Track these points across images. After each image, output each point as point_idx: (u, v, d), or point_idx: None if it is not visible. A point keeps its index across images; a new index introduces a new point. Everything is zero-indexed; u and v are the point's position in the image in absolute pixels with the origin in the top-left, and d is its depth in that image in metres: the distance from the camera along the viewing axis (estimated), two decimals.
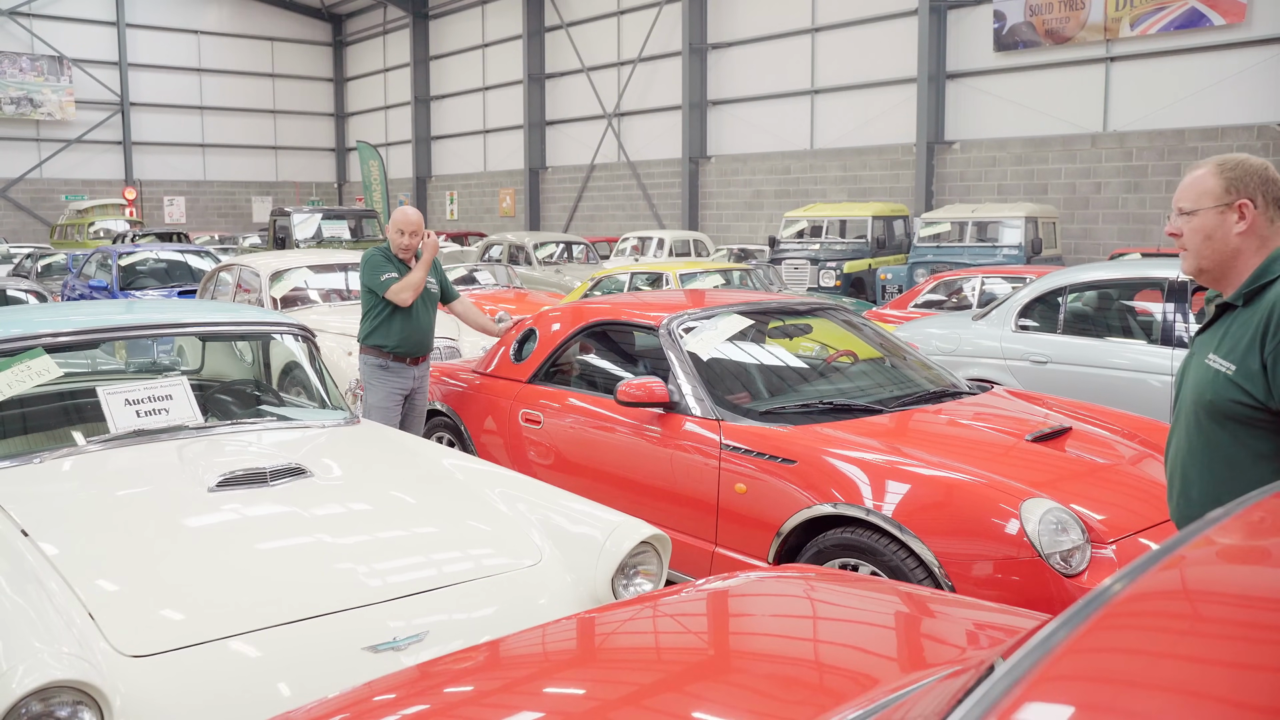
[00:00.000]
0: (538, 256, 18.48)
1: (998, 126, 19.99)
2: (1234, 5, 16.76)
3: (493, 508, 3.59)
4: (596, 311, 5.78)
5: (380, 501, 3.57)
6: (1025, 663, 0.81)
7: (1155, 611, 0.88)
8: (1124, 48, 18.27)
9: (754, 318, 5.52)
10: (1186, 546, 0.95)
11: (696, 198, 26.09)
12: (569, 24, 29.83)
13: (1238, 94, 16.77)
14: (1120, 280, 7.56)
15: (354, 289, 10.43)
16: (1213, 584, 0.95)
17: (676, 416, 4.77)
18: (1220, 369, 2.33)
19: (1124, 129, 18.24)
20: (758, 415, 4.61)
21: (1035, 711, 0.77)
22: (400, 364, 5.79)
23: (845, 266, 16.70)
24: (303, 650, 2.71)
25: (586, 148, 29.63)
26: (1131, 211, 18.09)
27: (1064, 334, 7.39)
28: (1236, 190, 2.41)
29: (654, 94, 27.32)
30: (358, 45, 41.07)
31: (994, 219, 16.21)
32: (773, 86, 24.19)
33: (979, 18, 20.20)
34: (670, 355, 4.98)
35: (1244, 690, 0.76)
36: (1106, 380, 6.94)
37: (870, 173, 22.13)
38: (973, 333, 7.92)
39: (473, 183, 34.83)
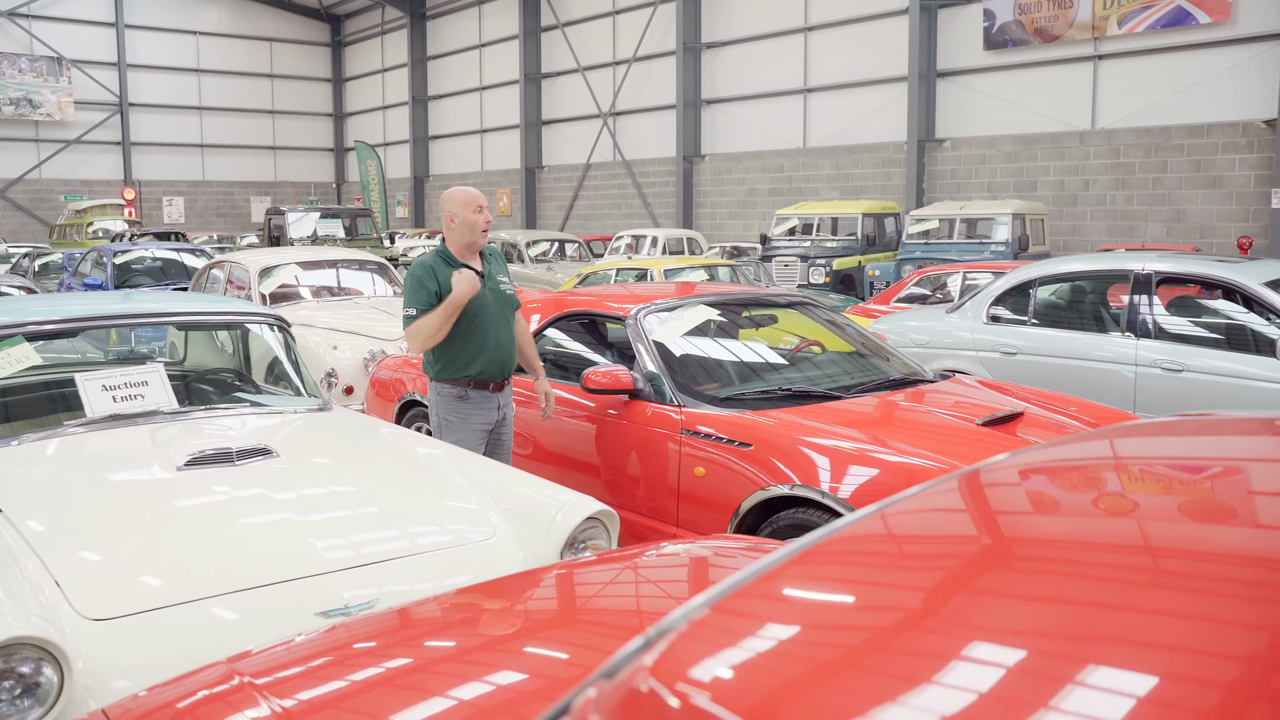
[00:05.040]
0: (530, 254, 18.64)
1: (988, 124, 20.12)
2: (1219, 3, 16.89)
3: (453, 488, 3.72)
4: (568, 302, 5.93)
5: (341, 480, 3.72)
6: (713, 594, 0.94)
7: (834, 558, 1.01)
8: (1111, 46, 18.40)
9: (721, 309, 5.67)
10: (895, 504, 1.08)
11: (691, 196, 26.24)
12: (565, 24, 29.99)
13: (1223, 91, 16.89)
14: (1088, 272, 7.70)
15: (345, 285, 10.60)
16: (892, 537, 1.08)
17: (641, 403, 4.91)
18: None
19: (1112, 126, 18.37)
20: (718, 401, 4.75)
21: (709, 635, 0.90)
22: (483, 392, 4.80)
23: (835, 263, 16.85)
24: (257, 615, 2.85)
25: (582, 147, 29.78)
26: (1119, 208, 18.22)
27: (1033, 326, 7.52)
28: None
29: (649, 93, 27.47)
30: (356, 46, 41.25)
31: (982, 216, 16.34)
32: (766, 85, 24.33)
33: (969, 16, 20.33)
34: (636, 344, 5.12)
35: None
36: (1074, 370, 7.07)
37: (862, 170, 22.27)
38: (946, 325, 8.06)
39: (470, 182, 34.94)
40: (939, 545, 1.06)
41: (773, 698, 0.72)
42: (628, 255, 19.40)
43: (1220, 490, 1.19)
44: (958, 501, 1.16)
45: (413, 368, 6.39)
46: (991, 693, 0.73)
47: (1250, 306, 6.70)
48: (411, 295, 4.66)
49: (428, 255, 4.82)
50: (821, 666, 0.78)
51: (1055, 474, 1.26)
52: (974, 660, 0.76)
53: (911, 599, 0.91)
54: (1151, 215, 17.82)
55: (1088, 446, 1.36)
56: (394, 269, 10.86)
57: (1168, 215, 17.64)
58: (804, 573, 0.96)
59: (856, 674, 0.77)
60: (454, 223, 4.74)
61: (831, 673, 0.77)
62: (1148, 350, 6.79)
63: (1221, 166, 16.96)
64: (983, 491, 1.20)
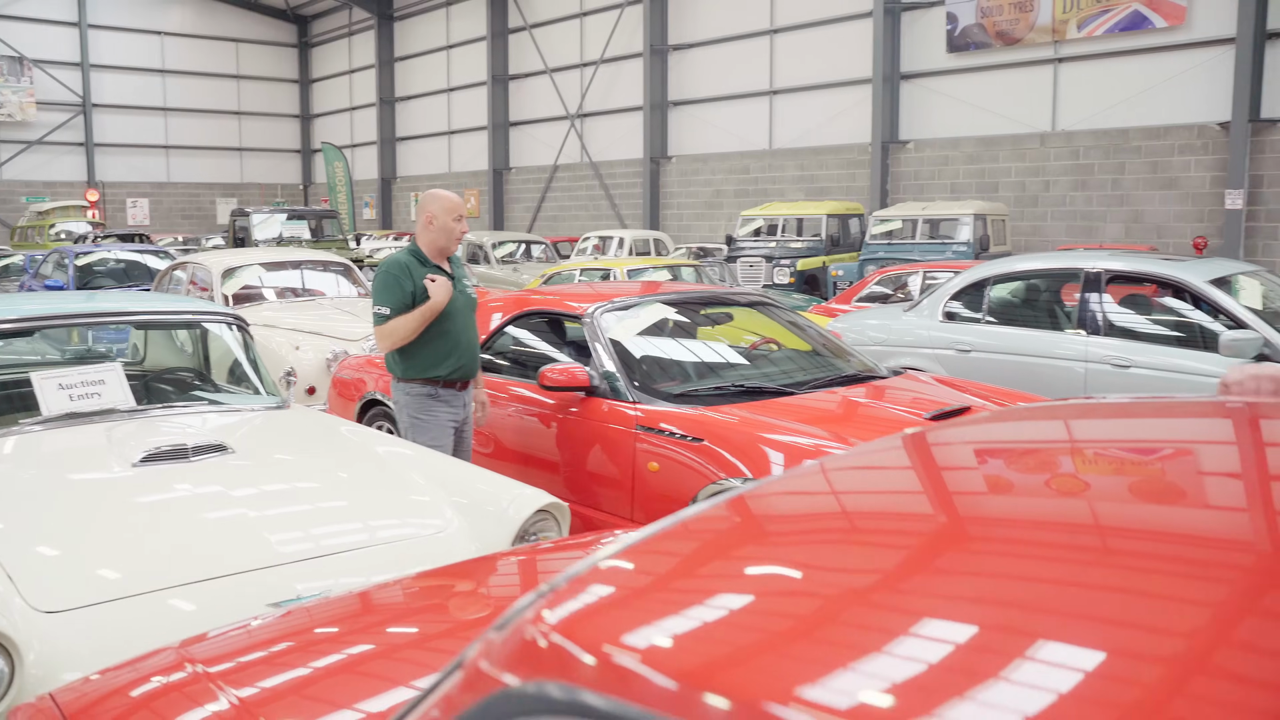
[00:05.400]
0: (496, 256, 18.67)
1: (950, 126, 20.34)
2: (1174, 8, 17.17)
3: (408, 483, 3.78)
4: (528, 302, 5.99)
5: (297, 476, 3.77)
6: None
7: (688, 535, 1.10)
8: (1071, 49, 18.65)
9: (677, 307, 5.75)
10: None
11: (658, 197, 26.34)
12: (532, 26, 30.02)
13: (1179, 94, 17.17)
14: (1040, 271, 7.85)
15: (309, 287, 10.61)
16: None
17: (597, 400, 4.98)
18: None
19: (1071, 128, 18.62)
20: (673, 398, 4.83)
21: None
22: (452, 390, 4.89)
23: (799, 264, 17.00)
24: (209, 606, 2.90)
25: (550, 148, 29.82)
26: (1079, 209, 18.48)
27: (987, 324, 7.66)
28: None
29: (616, 95, 27.55)
30: (323, 47, 41.08)
31: (944, 216, 16.54)
32: (732, 87, 24.47)
33: (932, 19, 20.54)
34: (593, 342, 5.19)
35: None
36: (1027, 367, 7.21)
37: (827, 172, 22.44)
38: (903, 324, 8.18)
39: (437, 184, 34.87)
40: (812, 514, 1.14)
41: (636, 641, 0.79)
42: (594, 256, 19.48)
43: (1087, 466, 1.28)
44: (835, 475, 1.25)
45: (375, 367, 6.42)
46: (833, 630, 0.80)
47: (1197, 304, 6.88)
48: (385, 294, 4.69)
49: (400, 254, 4.84)
50: (682, 614, 0.86)
51: (918, 454, 1.35)
52: (824, 602, 0.84)
53: (765, 555, 0.99)
54: (1110, 216, 18.08)
55: (961, 431, 1.45)
56: (359, 270, 10.88)
57: (1126, 216, 17.91)
58: (676, 537, 1.04)
59: (711, 615, 0.85)
60: (433, 225, 4.79)
61: (691, 618, 0.84)
62: (1097, 347, 6.94)
63: (1178, 168, 17.24)
64: (859, 466, 1.28)
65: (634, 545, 1.02)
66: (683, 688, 0.72)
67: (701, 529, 1.09)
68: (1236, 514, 1.04)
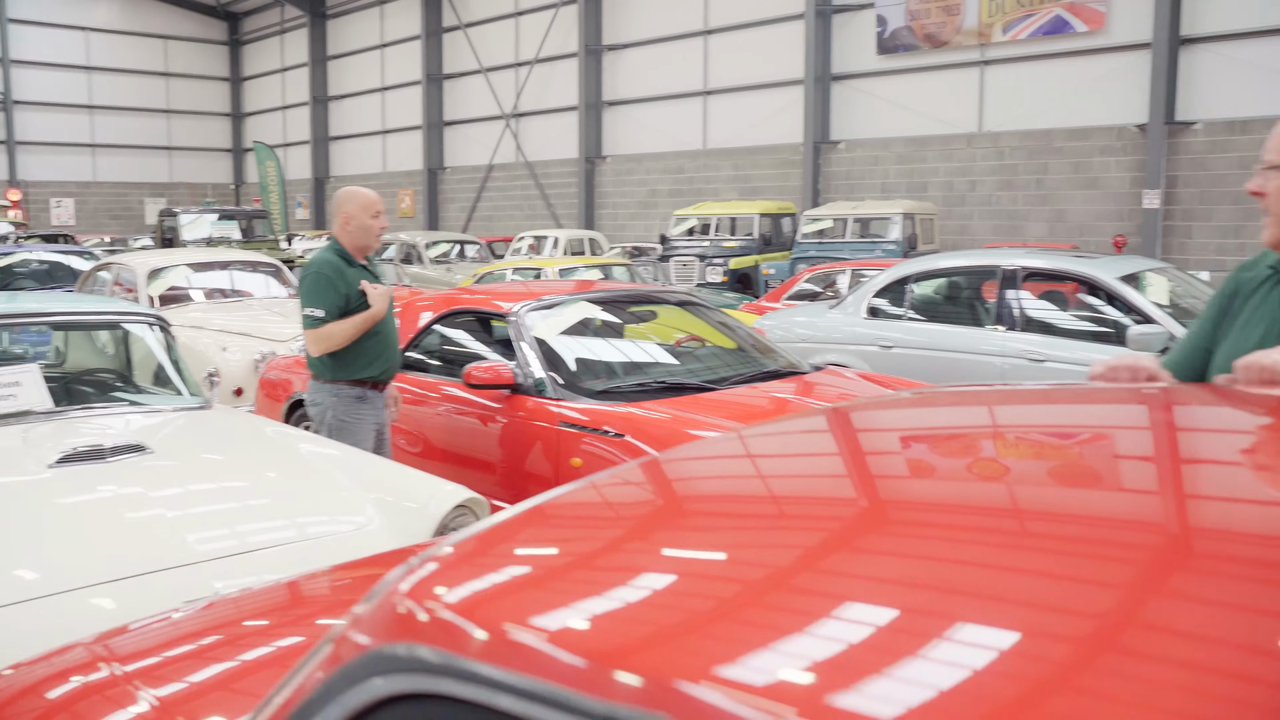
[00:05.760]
0: (430, 256, 18.61)
1: (881, 127, 20.65)
2: (1094, 13, 17.62)
3: (330, 482, 3.81)
4: (456, 300, 6.03)
5: (217, 475, 3.78)
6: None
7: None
8: (997, 52, 19.05)
9: (602, 306, 5.83)
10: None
11: (592, 197, 26.41)
12: (467, 25, 29.91)
13: (1100, 96, 17.62)
14: (960, 268, 8.06)
15: (238, 287, 10.52)
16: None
17: (521, 397, 5.04)
18: None
19: (997, 129, 19.02)
20: (595, 394, 4.91)
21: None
22: (377, 391, 4.84)
23: (732, 263, 17.18)
24: (126, 605, 2.91)
25: (485, 148, 29.74)
26: (1005, 208, 18.88)
27: (909, 320, 7.84)
28: None
29: (551, 95, 27.55)
30: (254, 44, 40.53)
31: (873, 215, 16.82)
32: (667, 87, 24.61)
33: (862, 22, 20.84)
34: (518, 340, 5.25)
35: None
36: (948, 362, 7.40)
37: (760, 171, 22.67)
38: (829, 321, 8.34)
39: (372, 183, 34.51)
40: (667, 493, 1.22)
41: (495, 609, 0.86)
42: (529, 256, 19.49)
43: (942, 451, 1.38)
44: (699, 458, 1.33)
45: (302, 368, 6.41)
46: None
47: (1111, 300, 7.11)
48: (318, 296, 4.59)
49: (326, 255, 4.74)
50: (542, 585, 0.93)
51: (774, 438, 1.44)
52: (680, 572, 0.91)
53: (616, 532, 1.07)
54: (1034, 215, 18.50)
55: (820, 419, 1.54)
56: (289, 271, 10.80)
57: (1050, 215, 18.34)
58: (541, 516, 1.12)
59: (567, 586, 0.93)
60: (350, 225, 4.72)
61: (552, 590, 0.92)
62: (1014, 342, 7.15)
63: (1098, 169, 17.69)
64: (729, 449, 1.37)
65: (494, 524, 1.09)
66: (552, 649, 0.77)
67: (588, 498, 1.17)
68: (1140, 496, 1.10)
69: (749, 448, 1.44)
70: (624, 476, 1.26)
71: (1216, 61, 16.38)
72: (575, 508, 1.14)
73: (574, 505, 1.14)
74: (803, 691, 0.70)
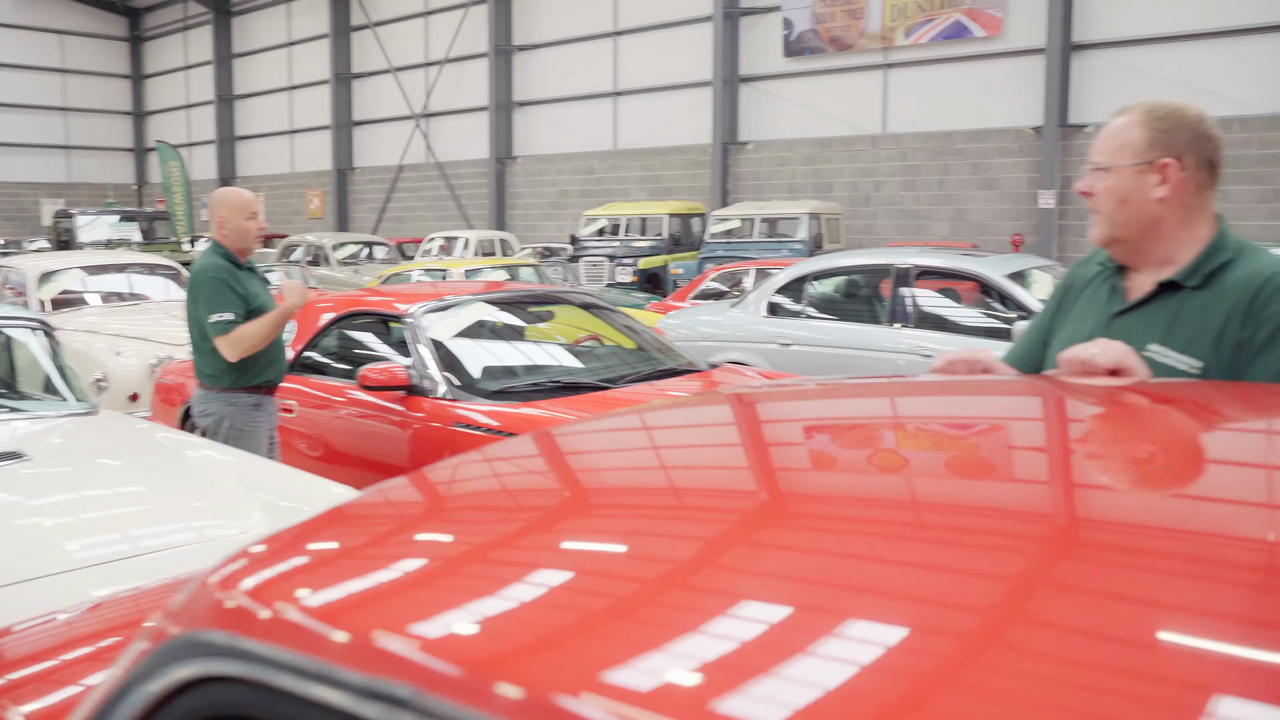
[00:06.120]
0: (337, 257, 18.40)
1: (788, 128, 20.96)
2: (992, 19, 18.12)
3: (218, 486, 3.78)
4: (353, 302, 6.01)
5: (100, 482, 3.73)
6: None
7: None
8: (899, 55, 19.47)
9: (500, 305, 5.86)
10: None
11: (504, 198, 26.34)
12: (376, 23, 29.59)
13: (998, 100, 18.13)
14: (856, 267, 8.26)
15: (136, 291, 10.29)
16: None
17: (417, 399, 5.05)
18: (1177, 365, 1.96)
19: (900, 131, 19.44)
20: (489, 394, 4.94)
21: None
22: (270, 396, 4.79)
23: (641, 263, 17.30)
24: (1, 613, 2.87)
25: (395, 148, 29.46)
26: (908, 208, 19.31)
27: (807, 318, 8.01)
28: (1161, 146, 1.99)
29: (461, 95, 27.41)
30: (157, 41, 39.52)
31: (780, 215, 17.08)
32: (577, 88, 24.66)
33: (769, 24, 21.13)
34: (414, 341, 5.26)
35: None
36: (845, 359, 7.58)
37: (670, 172, 22.85)
38: (730, 319, 8.48)
39: (280, 184, 34.07)
40: (494, 488, 1.28)
41: (277, 592, 0.91)
42: (439, 257, 19.38)
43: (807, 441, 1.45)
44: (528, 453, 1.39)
45: None
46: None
47: (1003, 299, 7.35)
48: (222, 300, 4.49)
49: (212, 259, 4.62)
50: (327, 570, 0.98)
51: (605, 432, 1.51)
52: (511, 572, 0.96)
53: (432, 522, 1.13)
54: (937, 214, 18.96)
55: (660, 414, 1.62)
56: (188, 273, 10.60)
57: (951, 215, 18.80)
58: (357, 510, 1.17)
59: (353, 571, 0.98)
60: (225, 229, 4.62)
61: (336, 574, 0.97)
62: (908, 338, 7.35)
63: (997, 169, 18.20)
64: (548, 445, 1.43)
65: (306, 520, 1.13)
66: (345, 637, 0.82)
67: (381, 503, 1.22)
68: (1019, 487, 1.14)
69: (567, 445, 1.48)
70: (436, 472, 1.31)
71: (1107, 67, 16.98)
72: (383, 505, 1.20)
73: (383, 503, 1.20)
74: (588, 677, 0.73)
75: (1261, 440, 1.41)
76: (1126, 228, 2.05)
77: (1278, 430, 1.45)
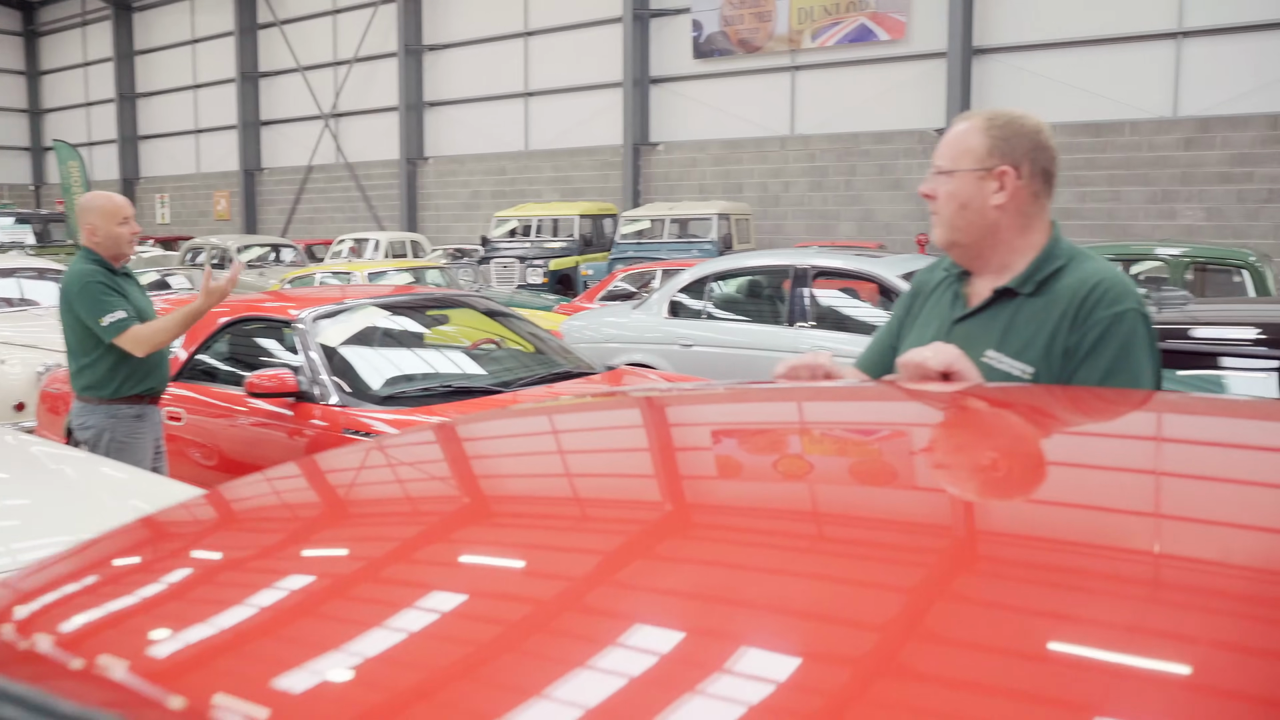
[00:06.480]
0: (242, 260, 18.02)
1: (698, 129, 21.11)
2: (896, 23, 18.47)
3: (92, 499, 3.70)
4: (246, 307, 5.91)
5: None
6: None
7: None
8: (807, 58, 19.73)
9: (395, 310, 5.82)
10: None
11: (415, 199, 26.10)
12: (283, 21, 29.07)
13: (902, 102, 18.48)
14: (756, 268, 8.36)
15: (26, 296, 10.00)
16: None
17: (308, 405, 4.99)
18: (1011, 370, 2.02)
19: (808, 132, 19.71)
20: (380, 400, 4.90)
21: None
22: (153, 406, 4.66)
23: (552, 264, 17.29)
24: None
25: (304, 149, 28.98)
26: (816, 208, 19.59)
27: (707, 319, 8.09)
28: (1000, 153, 2.04)
29: (372, 95, 27.08)
30: (54, 36, 38.27)
31: (690, 216, 17.20)
32: (488, 89, 24.54)
33: (679, 26, 21.25)
34: (303, 347, 5.19)
35: None
36: (744, 359, 7.66)
37: (582, 173, 22.86)
38: (633, 321, 8.52)
39: (185, 185, 33.30)
40: (299, 501, 1.29)
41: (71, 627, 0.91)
42: (349, 259, 19.12)
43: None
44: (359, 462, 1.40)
45: None
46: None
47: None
48: (106, 303, 4.32)
49: (85, 265, 4.43)
50: (101, 601, 0.98)
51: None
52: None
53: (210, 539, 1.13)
54: (844, 215, 19.26)
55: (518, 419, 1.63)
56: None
57: (858, 215, 19.11)
58: (141, 532, 1.17)
59: (131, 590, 0.98)
60: (96, 236, 4.46)
61: (108, 605, 0.97)
62: (805, 338, 7.45)
63: (902, 170, 18.55)
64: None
65: (90, 543, 1.13)
66: (78, 664, 0.81)
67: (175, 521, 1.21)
68: (907, 495, 1.15)
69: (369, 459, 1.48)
70: (232, 489, 1.31)
71: (1006, 70, 17.42)
72: (176, 525, 1.20)
73: (174, 522, 1.20)
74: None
75: (1077, 444, 1.46)
76: (965, 232, 2.10)
77: (1098, 434, 1.51)
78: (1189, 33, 15.85)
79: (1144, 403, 1.69)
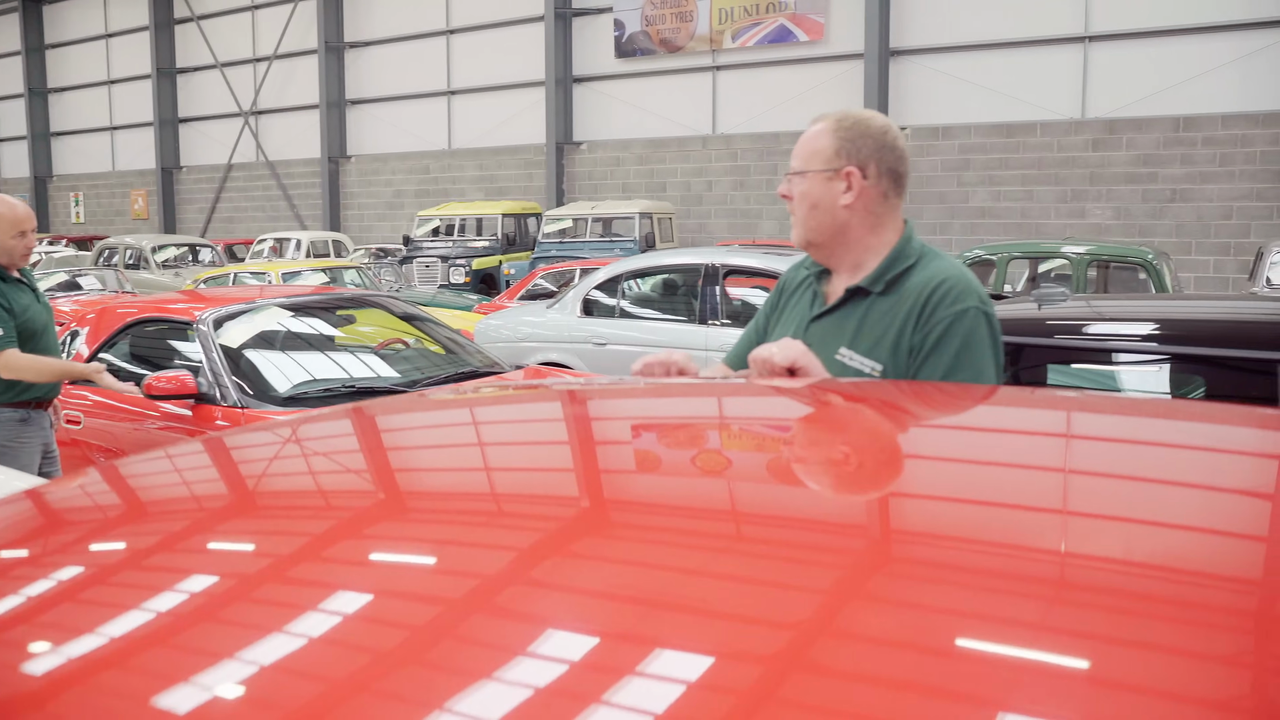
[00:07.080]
0: (157, 260, 17.71)
1: (621, 128, 21.18)
2: (814, 24, 18.72)
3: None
4: (137, 309, 5.84)
5: None
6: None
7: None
8: (728, 58, 19.91)
9: (300, 310, 5.79)
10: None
11: (338, 198, 25.81)
12: (200, 17, 28.55)
13: (822, 102, 18.71)
14: (668, 266, 8.44)
15: None
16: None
17: (208, 407, 4.95)
18: (862, 368, 2.08)
19: (730, 132, 19.88)
20: (281, 401, 4.88)
21: None
22: (41, 411, 4.61)
23: (475, 263, 17.24)
24: None
25: (223, 147, 28.50)
26: (739, 207, 19.77)
27: (620, 317, 8.15)
28: (846, 154, 2.09)
29: (292, 92, 26.72)
30: None
31: (612, 215, 17.26)
32: (411, 87, 24.35)
33: (601, 25, 21.30)
34: (204, 348, 5.15)
35: None
36: None
37: (506, 172, 22.81)
38: (547, 320, 8.55)
39: (100, 183, 32.54)
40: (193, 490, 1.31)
41: None
42: (270, 259, 18.86)
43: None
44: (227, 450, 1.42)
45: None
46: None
47: None
48: None
49: None
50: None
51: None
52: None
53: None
54: (766, 213, 19.47)
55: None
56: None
57: (781, 214, 19.32)
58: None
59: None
60: None
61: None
62: (716, 336, 7.55)
63: None
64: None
65: None
66: None
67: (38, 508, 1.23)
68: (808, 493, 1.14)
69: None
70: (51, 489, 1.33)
71: (922, 72, 17.75)
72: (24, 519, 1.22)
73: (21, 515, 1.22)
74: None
75: (912, 436, 1.52)
76: (818, 231, 2.15)
77: (933, 426, 1.58)
78: (1095, 37, 16.30)
79: (982, 397, 1.78)
